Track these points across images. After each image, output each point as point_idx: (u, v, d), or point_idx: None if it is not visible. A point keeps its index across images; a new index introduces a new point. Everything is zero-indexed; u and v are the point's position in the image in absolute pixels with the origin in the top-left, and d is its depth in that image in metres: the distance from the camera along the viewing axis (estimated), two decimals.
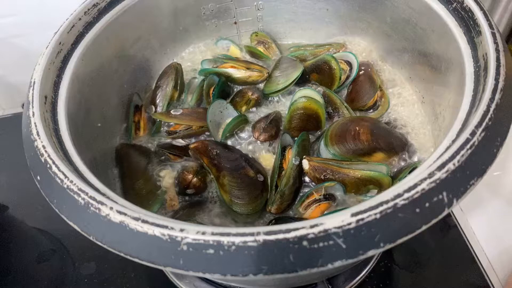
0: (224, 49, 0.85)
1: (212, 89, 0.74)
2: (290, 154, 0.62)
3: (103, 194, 0.43)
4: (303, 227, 0.35)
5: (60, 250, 0.86)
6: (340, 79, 0.72)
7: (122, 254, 0.38)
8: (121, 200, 0.43)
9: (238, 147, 0.68)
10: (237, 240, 0.35)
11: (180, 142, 0.69)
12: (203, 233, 0.36)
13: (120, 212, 0.38)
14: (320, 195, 0.59)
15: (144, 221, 0.37)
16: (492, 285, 0.73)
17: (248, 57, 0.84)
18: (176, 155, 0.67)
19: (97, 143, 0.63)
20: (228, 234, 0.35)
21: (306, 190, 0.62)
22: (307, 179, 0.62)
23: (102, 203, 0.39)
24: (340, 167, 0.59)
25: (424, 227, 0.36)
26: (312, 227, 0.35)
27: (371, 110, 0.71)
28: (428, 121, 0.65)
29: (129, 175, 0.65)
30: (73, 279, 0.80)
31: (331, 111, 0.70)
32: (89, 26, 0.63)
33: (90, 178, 0.45)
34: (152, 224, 0.37)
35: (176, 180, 0.64)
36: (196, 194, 0.63)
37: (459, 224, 0.81)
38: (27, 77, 0.54)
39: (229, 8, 0.82)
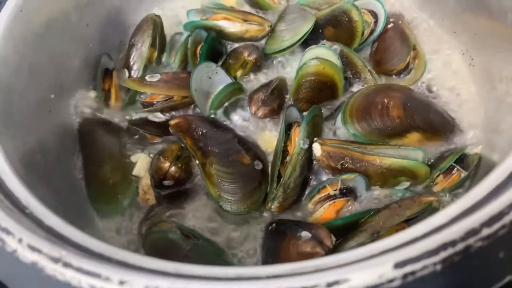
0: None
1: (199, 47, 0.59)
2: (297, 135, 0.47)
3: (23, 210, 0.29)
4: (315, 286, 0.21)
5: None
6: (362, 34, 0.57)
7: None
8: (51, 218, 0.29)
9: (231, 123, 0.54)
10: None
11: (159, 116, 0.55)
12: None
13: (32, 248, 0.25)
14: (336, 190, 0.46)
15: (66, 265, 0.24)
16: None
17: (246, 7, 0.68)
18: (153, 134, 0.53)
19: (51, 120, 0.50)
20: None
21: (323, 179, 0.48)
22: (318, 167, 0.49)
23: (7, 232, 0.26)
24: (363, 153, 0.46)
25: (508, 278, 0.23)
26: (330, 286, 0.21)
27: (402, 75, 0.56)
28: (479, 91, 0.51)
29: (92, 160, 0.52)
30: None
31: (351, 76, 0.56)
32: None
33: (9, 181, 0.32)
34: (78, 270, 0.24)
35: (151, 168, 0.50)
36: (176, 186, 0.49)
37: None
38: None
39: None
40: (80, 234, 0.28)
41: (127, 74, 0.59)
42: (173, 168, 0.48)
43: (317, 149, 0.46)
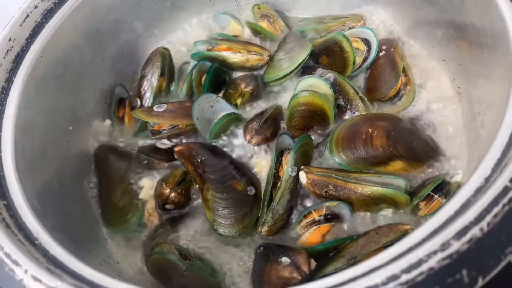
0: (223, 26, 0.73)
1: (203, 77, 0.63)
2: (287, 163, 0.51)
3: (33, 241, 0.35)
4: None
5: None
6: (354, 63, 0.59)
7: None
8: (56, 248, 0.35)
9: (230, 150, 0.58)
10: None
11: (166, 143, 0.60)
12: None
13: (35, 278, 0.30)
14: (321, 215, 0.49)
15: None
16: None
17: (251, 35, 0.72)
18: (159, 160, 0.58)
19: (68, 150, 0.56)
20: None
21: (311, 205, 0.51)
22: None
23: (17, 263, 0.31)
24: (346, 181, 0.48)
25: None
26: None
27: (394, 101, 0.58)
28: (464, 120, 0.52)
29: (105, 184, 0.57)
30: None
31: (343, 103, 0.57)
32: (49, 14, 0.54)
33: (24, 215, 0.38)
34: None
35: (154, 193, 0.55)
36: (177, 209, 0.54)
37: None
38: None
39: None
40: (77, 263, 0.34)
41: (139, 103, 0.65)
42: (173, 194, 0.53)
43: (303, 177, 0.50)
